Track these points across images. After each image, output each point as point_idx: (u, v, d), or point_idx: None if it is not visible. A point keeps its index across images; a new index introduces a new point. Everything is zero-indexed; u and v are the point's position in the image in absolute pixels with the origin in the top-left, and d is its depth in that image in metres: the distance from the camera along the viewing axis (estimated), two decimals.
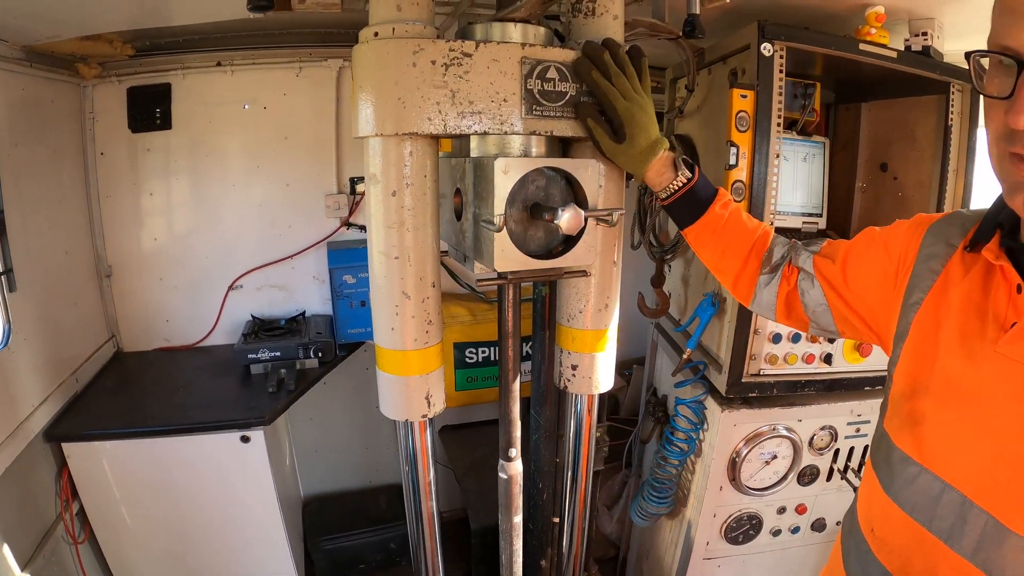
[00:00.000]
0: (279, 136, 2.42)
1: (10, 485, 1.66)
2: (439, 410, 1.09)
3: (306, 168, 2.47)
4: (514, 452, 1.23)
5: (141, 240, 2.41)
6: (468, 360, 2.46)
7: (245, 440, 1.94)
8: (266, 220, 2.49)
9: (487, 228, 0.91)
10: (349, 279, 2.32)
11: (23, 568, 1.67)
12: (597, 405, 1.27)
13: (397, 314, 0.99)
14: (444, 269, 1.11)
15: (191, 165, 2.39)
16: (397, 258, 0.96)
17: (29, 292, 1.83)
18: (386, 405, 1.08)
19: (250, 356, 2.21)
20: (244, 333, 2.36)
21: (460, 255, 1.12)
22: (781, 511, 1.87)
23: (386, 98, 0.89)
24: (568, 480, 1.38)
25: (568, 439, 1.31)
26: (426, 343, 1.02)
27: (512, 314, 1.15)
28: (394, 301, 0.98)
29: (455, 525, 2.65)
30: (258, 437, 1.95)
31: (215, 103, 2.34)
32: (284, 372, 2.15)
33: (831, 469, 1.84)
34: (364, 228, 2.55)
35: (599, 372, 1.19)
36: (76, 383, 2.09)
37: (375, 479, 2.99)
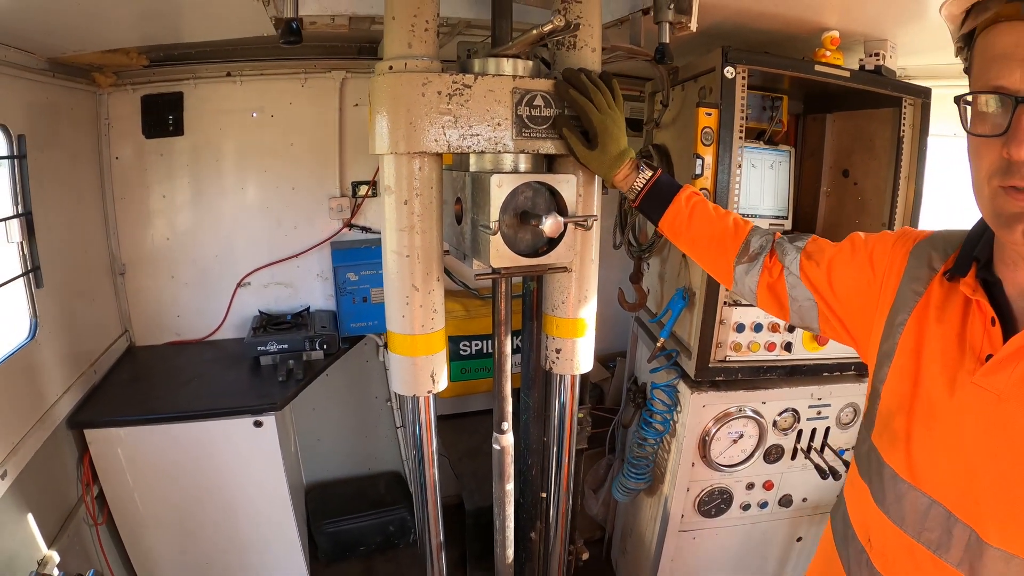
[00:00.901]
0: (285, 142, 2.57)
1: (38, 469, 1.78)
2: (442, 387, 1.26)
3: (310, 172, 2.62)
4: (506, 425, 1.41)
5: (154, 239, 2.55)
6: (462, 352, 2.61)
7: (258, 425, 2.08)
8: (272, 221, 2.64)
9: (484, 231, 1.08)
10: (352, 276, 2.48)
11: (49, 546, 1.80)
12: (579, 386, 1.44)
13: (407, 304, 1.16)
14: None
15: (201, 169, 2.53)
16: (408, 256, 1.13)
17: (52, 288, 1.96)
18: (397, 383, 1.25)
19: (259, 348, 2.36)
20: (253, 327, 2.51)
21: (460, 254, 1.29)
22: (750, 487, 2.05)
23: (399, 122, 1.06)
24: (554, 455, 1.54)
25: (553, 417, 1.48)
26: (432, 328, 1.19)
27: (504, 304, 1.34)
28: (405, 293, 1.16)
29: (450, 511, 2.75)
30: (270, 422, 2.09)
31: (225, 111, 2.48)
32: (292, 363, 2.30)
33: (795, 448, 2.02)
34: (365, 229, 2.71)
35: (579, 355, 1.36)
36: (95, 374, 2.23)
37: (374, 466, 3.14)
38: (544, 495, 1.73)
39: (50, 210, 2.00)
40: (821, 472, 1.95)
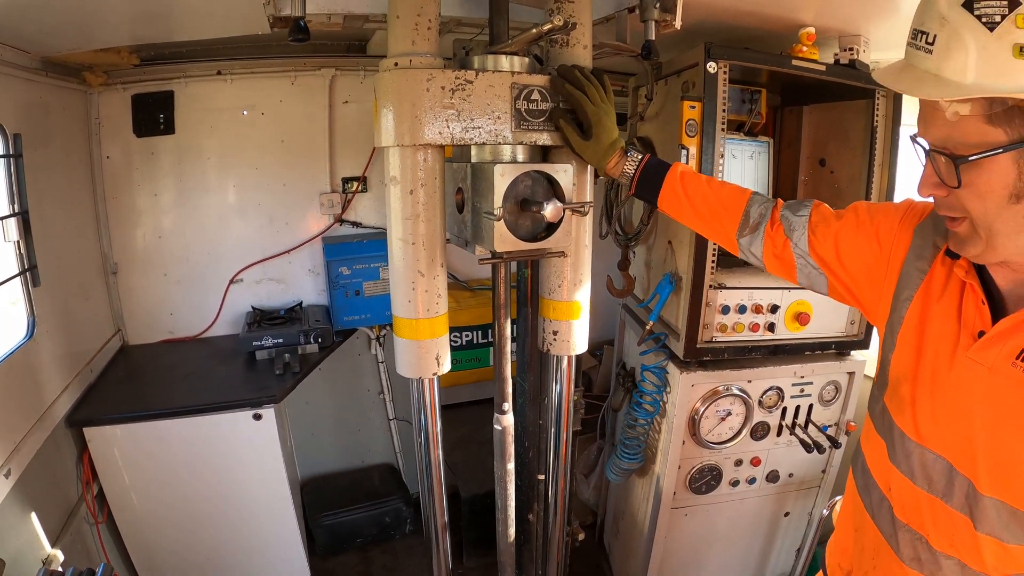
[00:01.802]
0: (276, 140, 2.60)
1: (39, 468, 1.79)
2: (445, 369, 1.32)
3: (301, 169, 2.65)
4: (507, 406, 1.47)
5: (145, 238, 2.56)
6: (452, 344, 2.64)
7: (257, 418, 2.11)
8: (264, 217, 2.67)
9: (488, 218, 1.14)
10: (344, 271, 2.52)
11: (53, 545, 1.81)
12: (575, 367, 1.51)
13: (413, 289, 1.21)
14: None
15: (193, 167, 2.55)
16: (413, 244, 1.19)
17: (48, 287, 1.97)
18: (402, 366, 1.30)
19: (255, 343, 2.39)
20: (247, 323, 2.54)
21: (461, 241, 1.35)
22: (738, 463, 2.13)
23: (405, 116, 1.12)
24: (552, 435, 1.60)
25: (551, 397, 1.55)
26: (436, 313, 1.25)
27: (504, 288, 1.41)
28: (411, 279, 1.21)
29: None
30: (269, 414, 2.12)
31: (215, 109, 2.50)
32: (288, 356, 2.33)
33: (780, 425, 2.11)
34: (356, 224, 2.75)
35: (575, 336, 1.43)
36: (91, 373, 2.24)
37: (367, 459, 3.18)
38: (541, 477, 1.78)
39: (44, 210, 2.01)
40: (806, 446, 2.04)
